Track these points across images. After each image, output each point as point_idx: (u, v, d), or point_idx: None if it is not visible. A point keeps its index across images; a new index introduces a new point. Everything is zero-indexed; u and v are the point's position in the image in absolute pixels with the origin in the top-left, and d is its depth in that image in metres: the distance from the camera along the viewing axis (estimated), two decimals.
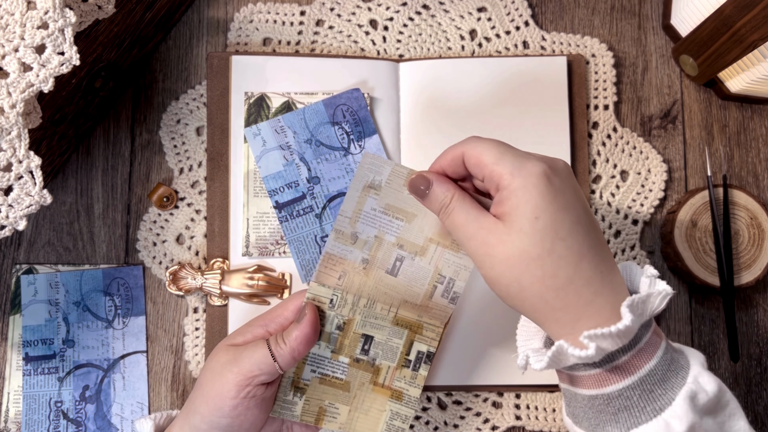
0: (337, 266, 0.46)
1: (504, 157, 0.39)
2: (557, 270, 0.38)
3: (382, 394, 0.48)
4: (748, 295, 0.60)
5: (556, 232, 0.38)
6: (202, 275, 0.56)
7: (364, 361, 0.47)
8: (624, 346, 0.39)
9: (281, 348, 0.44)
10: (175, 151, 0.60)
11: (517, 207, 0.38)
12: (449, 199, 0.42)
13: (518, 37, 0.62)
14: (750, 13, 0.51)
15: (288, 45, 0.61)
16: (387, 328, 0.47)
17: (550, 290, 0.38)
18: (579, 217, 0.39)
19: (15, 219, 0.43)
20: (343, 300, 0.46)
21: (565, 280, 0.38)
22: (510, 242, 0.38)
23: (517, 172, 0.39)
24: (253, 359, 0.44)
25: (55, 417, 0.56)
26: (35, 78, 0.41)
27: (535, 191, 0.38)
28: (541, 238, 0.38)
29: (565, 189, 0.39)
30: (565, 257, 0.38)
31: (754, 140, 0.62)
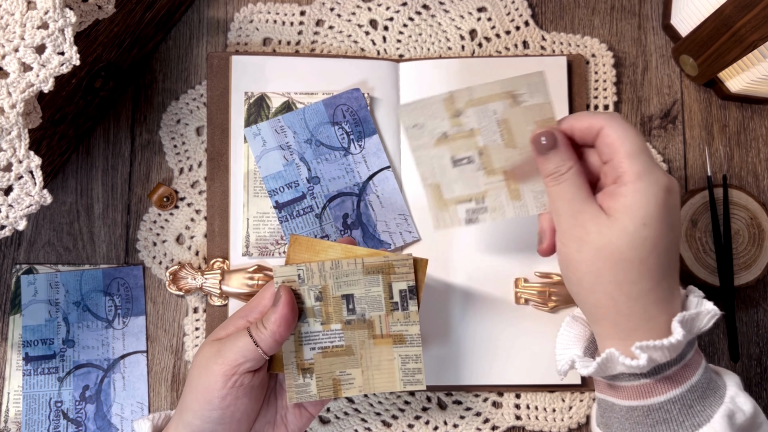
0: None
1: (641, 155, 0.39)
2: (641, 280, 0.39)
3: (385, 343, 0.48)
4: (748, 295, 0.60)
5: (656, 245, 0.39)
6: (202, 275, 0.56)
7: (354, 320, 0.47)
8: (670, 360, 0.40)
9: (262, 332, 0.44)
10: (175, 151, 0.60)
11: (631, 207, 0.39)
12: (566, 169, 0.41)
13: (518, 37, 0.62)
14: (750, 13, 0.51)
15: (288, 45, 0.61)
16: (361, 280, 0.47)
17: (624, 295, 0.39)
18: (676, 239, 0.40)
19: (15, 219, 0.43)
20: (309, 271, 0.46)
21: (642, 292, 0.39)
22: (609, 236, 0.39)
23: (645, 175, 0.39)
24: (237, 348, 0.44)
25: (55, 417, 0.56)
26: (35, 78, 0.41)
27: (653, 200, 0.39)
28: (641, 245, 0.39)
29: (675, 209, 0.40)
30: (652, 270, 0.39)
31: (754, 140, 0.62)
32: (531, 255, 0.58)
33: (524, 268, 0.58)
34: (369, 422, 0.58)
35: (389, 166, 0.58)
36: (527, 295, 0.57)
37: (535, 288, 0.56)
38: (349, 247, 0.47)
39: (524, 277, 0.57)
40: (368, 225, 0.58)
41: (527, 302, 0.57)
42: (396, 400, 0.58)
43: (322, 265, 0.47)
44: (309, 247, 0.47)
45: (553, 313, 0.57)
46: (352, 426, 0.57)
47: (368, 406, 0.58)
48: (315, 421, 0.57)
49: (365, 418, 0.58)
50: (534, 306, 0.57)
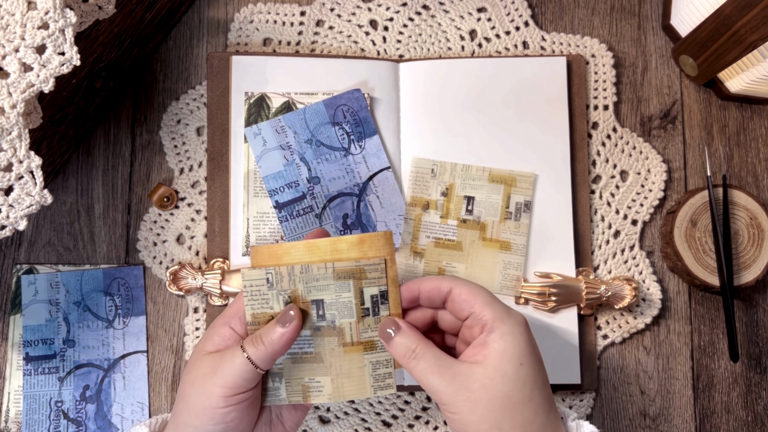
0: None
1: (494, 302, 0.42)
2: (534, 416, 0.40)
3: (355, 351, 0.47)
4: (747, 295, 0.60)
5: (535, 380, 0.40)
6: (203, 275, 0.57)
7: (324, 327, 0.46)
8: None
9: (260, 351, 0.43)
10: (176, 151, 0.60)
11: (504, 351, 0.40)
12: (416, 346, 0.42)
13: (518, 37, 0.62)
14: (750, 13, 0.51)
15: (288, 45, 0.61)
16: (332, 285, 0.45)
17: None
18: (544, 370, 0.42)
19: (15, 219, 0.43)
20: (278, 275, 0.45)
21: (539, 427, 0.40)
22: (493, 386, 0.40)
23: (506, 318, 0.41)
24: (234, 370, 0.43)
25: (55, 417, 0.56)
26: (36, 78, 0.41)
27: (521, 339, 0.40)
28: (523, 384, 0.40)
29: (535, 343, 0.42)
30: (541, 405, 0.40)
31: (753, 140, 0.62)
32: (531, 255, 0.58)
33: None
34: (369, 422, 0.58)
35: (389, 166, 0.58)
36: (527, 295, 0.57)
37: (534, 288, 0.57)
38: (312, 243, 0.45)
39: (524, 277, 0.57)
40: (368, 225, 0.58)
41: (527, 302, 0.57)
42: (396, 400, 0.58)
43: (292, 269, 0.45)
44: (270, 254, 0.45)
45: (553, 313, 0.57)
46: (352, 426, 0.58)
47: (368, 406, 0.58)
48: (315, 421, 0.57)
49: (365, 418, 0.58)
50: (534, 306, 0.57)
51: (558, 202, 0.58)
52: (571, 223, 0.58)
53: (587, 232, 0.59)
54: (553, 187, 0.58)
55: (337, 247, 0.45)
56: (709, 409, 0.59)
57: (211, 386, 0.43)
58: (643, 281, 0.59)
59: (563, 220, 0.58)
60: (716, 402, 0.59)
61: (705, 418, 0.59)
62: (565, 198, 0.58)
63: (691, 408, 0.59)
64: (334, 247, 0.45)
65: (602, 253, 0.59)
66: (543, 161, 0.59)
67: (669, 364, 0.59)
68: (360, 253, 0.45)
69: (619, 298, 0.57)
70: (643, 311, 0.59)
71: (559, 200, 0.58)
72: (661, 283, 0.60)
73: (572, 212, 0.58)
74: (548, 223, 0.58)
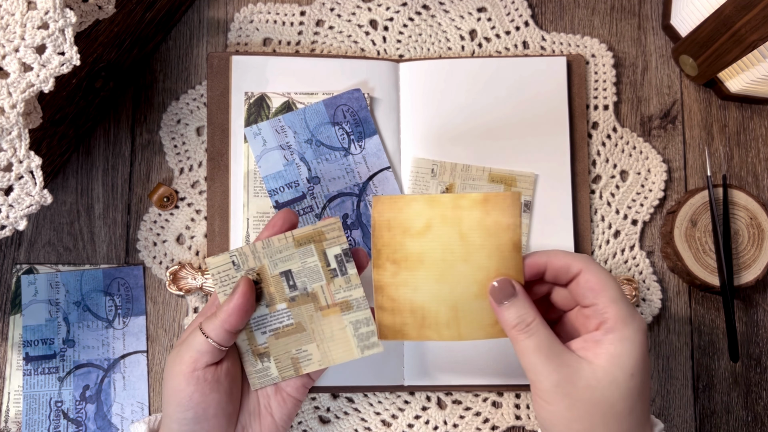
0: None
1: (623, 299, 0.39)
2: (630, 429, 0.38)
3: (333, 313, 0.47)
4: (748, 295, 0.60)
5: (642, 393, 0.38)
6: (203, 275, 0.56)
7: (297, 296, 0.46)
8: None
9: (212, 323, 0.44)
10: (176, 151, 0.60)
11: (619, 357, 0.38)
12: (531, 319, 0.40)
13: (518, 37, 0.62)
14: (750, 13, 0.51)
15: (288, 45, 0.61)
16: (295, 254, 0.46)
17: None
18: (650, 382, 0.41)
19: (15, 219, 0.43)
20: (243, 256, 0.46)
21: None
22: (599, 390, 0.38)
23: (630, 321, 0.38)
24: (191, 345, 0.44)
25: (55, 417, 0.56)
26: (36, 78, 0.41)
27: (639, 349, 0.38)
28: (630, 395, 0.38)
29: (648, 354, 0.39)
30: (639, 416, 0.38)
31: (753, 140, 0.62)
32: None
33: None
34: (369, 422, 0.58)
35: (389, 166, 0.58)
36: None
37: None
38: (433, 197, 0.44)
39: None
40: (368, 225, 0.58)
41: None
42: (396, 399, 0.58)
43: (254, 247, 0.46)
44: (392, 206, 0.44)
45: None
46: (352, 426, 0.58)
47: (368, 406, 0.58)
48: (315, 421, 0.57)
49: (365, 417, 0.58)
50: None
51: (558, 202, 0.58)
52: (571, 223, 0.58)
53: (587, 232, 0.59)
54: (553, 187, 0.58)
55: (458, 203, 0.43)
56: (709, 409, 0.59)
57: (173, 367, 0.44)
58: (643, 281, 0.59)
59: (563, 220, 0.58)
60: (716, 402, 0.59)
61: (705, 418, 0.59)
62: (565, 198, 0.58)
63: (691, 408, 0.59)
64: (456, 203, 0.43)
65: (602, 253, 0.59)
66: (543, 161, 0.59)
67: (669, 364, 0.59)
68: (483, 212, 0.43)
69: None
70: (643, 311, 0.59)
71: (559, 200, 0.58)
72: (661, 283, 0.60)
73: (572, 212, 0.58)
74: (548, 223, 0.58)
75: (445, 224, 0.43)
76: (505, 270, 0.43)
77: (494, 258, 0.43)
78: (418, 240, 0.44)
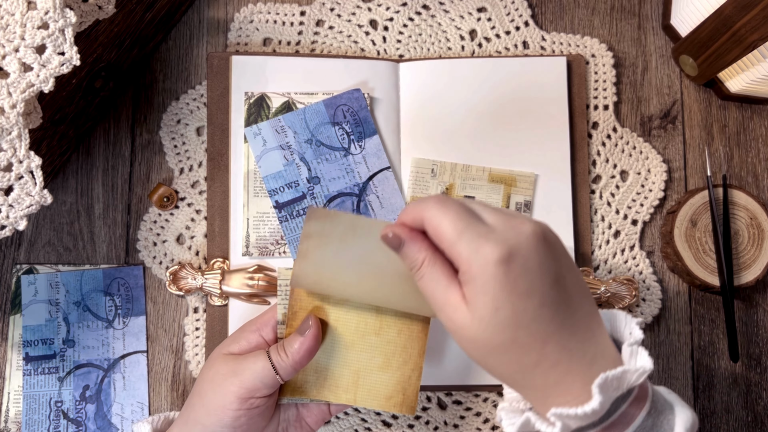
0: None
1: (462, 236, 0.36)
2: (521, 357, 0.37)
3: None
4: (748, 295, 0.60)
5: (518, 322, 0.36)
6: (203, 275, 0.56)
7: None
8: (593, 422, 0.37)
9: (282, 360, 0.44)
10: (176, 151, 0.60)
11: (477, 296, 0.36)
12: (419, 262, 0.39)
13: (518, 37, 0.62)
14: (750, 13, 0.51)
15: (288, 45, 0.61)
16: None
17: (517, 373, 0.37)
18: (544, 298, 0.36)
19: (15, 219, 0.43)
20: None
21: (531, 365, 0.37)
22: (473, 328, 0.37)
23: (474, 257, 0.36)
24: (255, 372, 0.44)
25: (55, 417, 0.56)
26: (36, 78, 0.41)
27: (492, 282, 0.36)
28: (503, 329, 0.36)
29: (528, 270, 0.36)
30: (528, 344, 0.36)
31: (753, 140, 0.62)
32: None
33: None
34: (369, 422, 0.58)
35: (389, 166, 0.58)
36: None
37: None
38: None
39: None
40: None
41: None
42: None
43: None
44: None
45: None
46: (352, 426, 0.57)
47: None
48: None
49: (365, 418, 0.58)
50: None
51: (558, 202, 0.58)
52: (571, 223, 0.58)
53: (587, 232, 0.59)
54: (553, 187, 0.58)
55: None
56: (709, 409, 0.59)
57: (228, 385, 0.44)
58: (643, 281, 0.59)
59: (563, 220, 0.58)
60: (716, 402, 0.59)
61: (705, 418, 0.59)
62: (565, 198, 0.58)
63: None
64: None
65: (602, 253, 0.59)
66: (543, 161, 0.59)
67: (669, 364, 0.59)
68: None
69: (619, 299, 0.57)
70: (643, 311, 0.59)
71: (559, 200, 0.58)
72: (661, 283, 0.60)
73: (572, 212, 0.58)
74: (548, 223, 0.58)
75: None
76: (411, 349, 0.47)
77: (403, 335, 0.47)
78: (336, 307, 0.46)
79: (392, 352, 0.47)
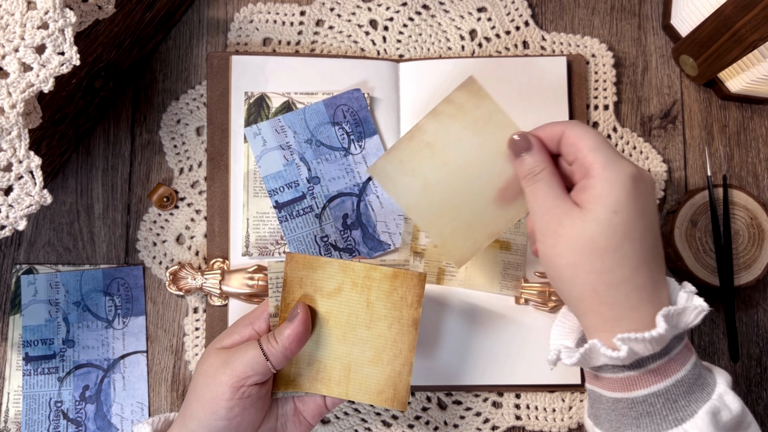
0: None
1: (601, 148, 0.40)
2: (617, 267, 0.39)
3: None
4: (748, 295, 0.60)
5: (629, 232, 0.39)
6: (202, 275, 0.56)
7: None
8: (654, 354, 0.40)
9: (273, 347, 0.44)
10: (175, 151, 0.60)
11: (600, 197, 0.39)
12: (540, 169, 0.43)
13: (518, 37, 0.62)
14: (750, 13, 0.51)
15: (288, 45, 0.61)
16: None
17: (604, 284, 0.40)
18: (652, 225, 0.40)
19: (15, 219, 0.43)
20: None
21: (621, 279, 0.39)
22: (582, 227, 0.40)
23: (611, 165, 0.40)
24: (246, 360, 0.44)
25: (55, 417, 0.56)
26: (35, 78, 0.41)
27: (621, 187, 0.39)
28: (614, 233, 0.39)
29: (647, 195, 0.40)
30: (629, 257, 0.39)
31: (754, 140, 0.62)
32: (531, 255, 0.58)
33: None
34: (369, 422, 0.58)
35: None
36: (527, 295, 0.57)
37: (535, 288, 0.56)
38: (347, 264, 0.47)
39: (524, 277, 0.57)
40: (368, 225, 0.58)
41: (527, 302, 0.57)
42: None
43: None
44: (305, 264, 0.47)
45: (553, 313, 0.57)
46: (352, 426, 0.57)
47: (368, 407, 0.58)
48: None
49: (365, 418, 0.58)
50: (534, 306, 0.57)
51: None
52: None
53: None
54: None
55: (370, 274, 0.47)
56: None
57: (220, 375, 0.44)
58: None
59: None
60: None
61: None
62: None
63: None
64: (368, 274, 0.47)
65: None
66: None
67: None
68: (391, 287, 0.47)
69: None
70: None
71: None
72: None
73: None
74: None
75: (354, 290, 0.47)
76: (401, 343, 0.47)
77: (394, 329, 0.47)
78: (327, 300, 0.47)
79: (383, 346, 0.47)
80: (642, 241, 0.40)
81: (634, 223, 0.39)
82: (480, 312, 0.57)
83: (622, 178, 0.39)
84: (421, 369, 0.57)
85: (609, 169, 0.40)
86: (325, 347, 0.47)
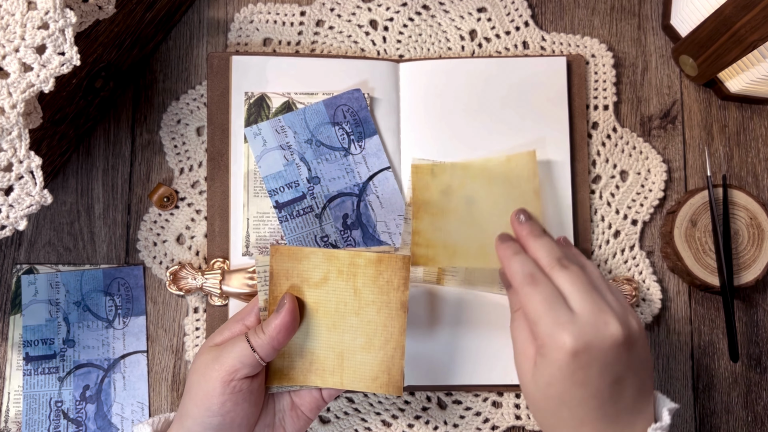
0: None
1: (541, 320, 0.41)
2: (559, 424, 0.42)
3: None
4: (747, 295, 0.60)
5: (564, 402, 0.41)
6: (203, 275, 0.57)
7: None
8: None
9: (260, 339, 0.45)
10: (176, 151, 0.60)
11: (539, 366, 0.42)
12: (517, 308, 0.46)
13: (518, 37, 0.62)
14: (750, 13, 0.51)
15: (288, 45, 0.61)
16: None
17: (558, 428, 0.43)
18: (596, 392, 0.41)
19: (15, 219, 0.43)
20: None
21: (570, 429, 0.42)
22: (530, 385, 0.43)
23: (548, 341, 0.41)
24: (234, 354, 0.44)
25: (55, 417, 0.56)
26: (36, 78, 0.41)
27: (555, 365, 0.41)
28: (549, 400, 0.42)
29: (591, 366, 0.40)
30: (566, 419, 0.42)
31: (753, 140, 0.62)
32: None
33: None
34: (369, 422, 0.58)
35: (389, 166, 0.58)
36: None
37: None
38: (330, 252, 0.47)
39: None
40: (368, 225, 0.58)
41: None
42: (396, 400, 0.58)
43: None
44: (291, 256, 0.47)
45: None
46: (352, 426, 0.58)
47: (368, 406, 0.58)
48: (315, 420, 0.57)
49: (365, 418, 0.58)
50: None
51: (558, 202, 0.58)
52: (571, 223, 0.58)
53: (587, 232, 0.59)
54: (553, 187, 0.58)
55: (354, 261, 0.47)
56: (709, 409, 0.59)
57: (211, 371, 0.45)
58: (643, 281, 0.59)
59: (563, 220, 0.58)
60: (716, 402, 0.59)
61: (705, 418, 0.59)
62: (565, 198, 0.58)
63: (691, 408, 0.59)
64: (352, 260, 0.47)
65: (602, 253, 0.59)
66: (543, 161, 0.59)
67: (669, 364, 0.59)
68: (376, 271, 0.47)
69: None
70: (643, 311, 0.59)
71: (559, 200, 0.58)
72: (661, 283, 0.60)
73: (572, 212, 0.58)
74: (548, 223, 0.58)
75: (340, 278, 0.47)
76: (391, 327, 0.47)
77: (383, 314, 0.47)
78: (314, 290, 0.47)
79: (373, 332, 0.47)
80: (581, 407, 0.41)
81: (569, 394, 0.41)
82: (480, 312, 0.57)
83: (557, 356, 0.40)
84: (421, 369, 0.57)
85: (547, 345, 0.41)
86: (316, 337, 0.47)
